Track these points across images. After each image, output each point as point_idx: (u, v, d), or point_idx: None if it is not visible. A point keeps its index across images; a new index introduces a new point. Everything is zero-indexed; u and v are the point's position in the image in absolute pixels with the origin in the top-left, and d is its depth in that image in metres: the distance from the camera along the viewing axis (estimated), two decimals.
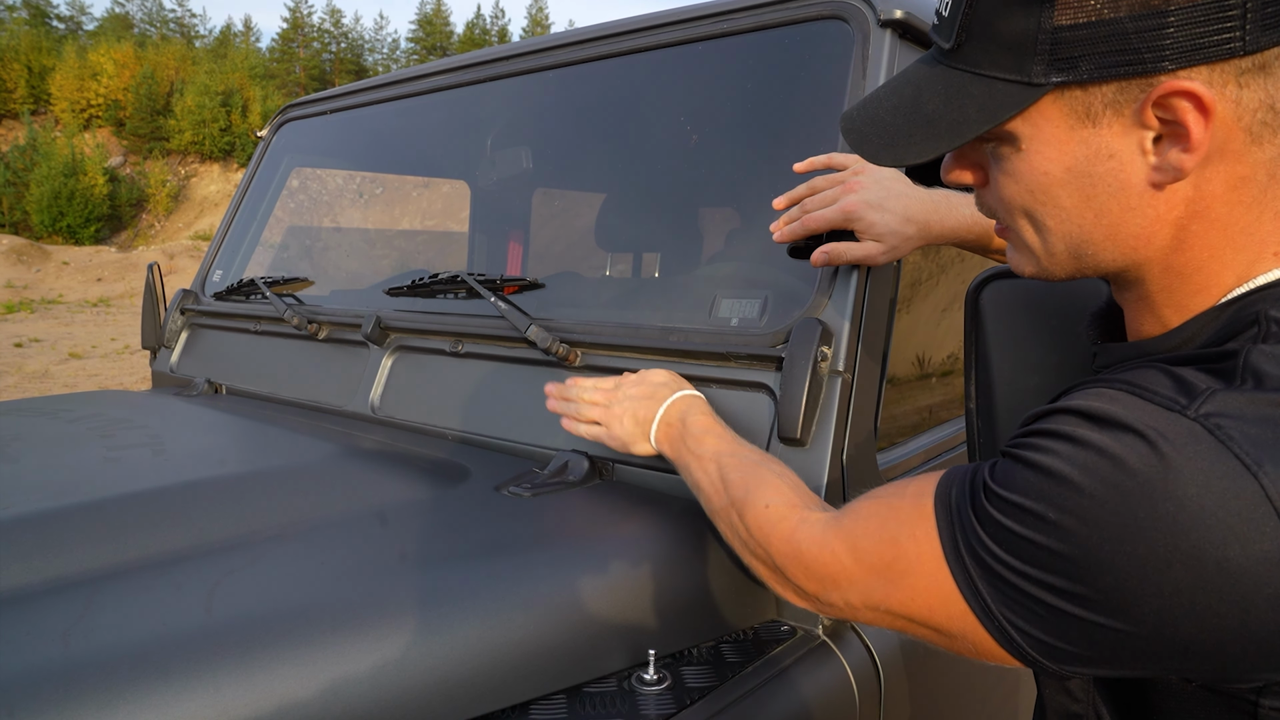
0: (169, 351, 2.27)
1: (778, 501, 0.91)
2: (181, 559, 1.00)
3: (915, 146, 0.71)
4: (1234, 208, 0.64)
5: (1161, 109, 0.61)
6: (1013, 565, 0.63)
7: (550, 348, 1.40)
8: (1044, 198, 0.68)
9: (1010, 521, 0.63)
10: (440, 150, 2.17)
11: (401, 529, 1.12)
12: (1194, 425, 0.57)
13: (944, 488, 0.72)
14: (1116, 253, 0.68)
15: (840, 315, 1.18)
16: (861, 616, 0.79)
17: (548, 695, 0.94)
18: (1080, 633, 0.61)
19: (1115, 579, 0.58)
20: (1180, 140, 0.61)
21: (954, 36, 0.67)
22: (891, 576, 0.73)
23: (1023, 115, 0.66)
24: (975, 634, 0.68)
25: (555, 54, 1.73)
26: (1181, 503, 0.55)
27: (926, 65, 0.73)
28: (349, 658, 0.84)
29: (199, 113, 41.56)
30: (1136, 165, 0.64)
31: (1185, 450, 0.56)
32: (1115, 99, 0.62)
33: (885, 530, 0.75)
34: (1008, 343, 0.97)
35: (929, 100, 0.70)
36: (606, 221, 1.88)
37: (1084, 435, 0.60)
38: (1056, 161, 0.66)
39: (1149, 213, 0.65)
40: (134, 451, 1.38)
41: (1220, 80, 0.60)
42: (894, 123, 0.73)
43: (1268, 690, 0.59)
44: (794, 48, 1.41)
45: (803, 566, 0.83)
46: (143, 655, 0.79)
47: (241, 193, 2.42)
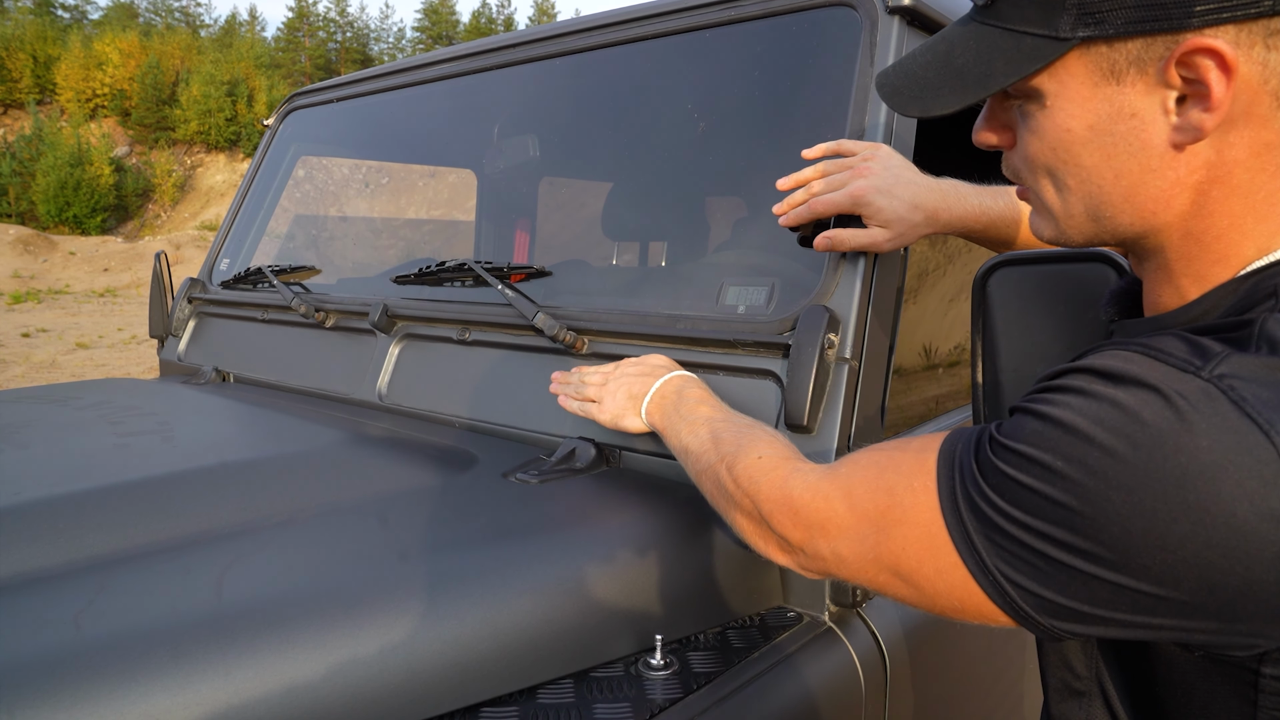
0: (176, 340, 2.28)
1: (771, 454, 0.91)
2: (192, 544, 1.01)
3: (944, 98, 0.73)
4: (1257, 175, 0.64)
5: (1185, 67, 0.61)
6: (1014, 516, 0.62)
7: (557, 335, 1.40)
8: (1065, 156, 0.69)
9: (1015, 471, 0.62)
10: (447, 139, 2.17)
11: (409, 515, 1.13)
12: (1208, 385, 0.57)
13: (949, 443, 0.71)
14: (1134, 215, 0.68)
15: (847, 303, 1.18)
16: (848, 569, 0.77)
17: (555, 680, 0.94)
18: (1081, 587, 0.60)
19: (1121, 531, 0.57)
20: (1202, 100, 0.61)
21: None
22: (884, 525, 0.72)
23: (1049, 71, 0.67)
24: (965, 590, 0.67)
25: (561, 41, 1.72)
26: (1193, 456, 0.55)
27: (961, 24, 0.74)
28: (358, 641, 0.85)
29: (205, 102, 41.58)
30: (1158, 125, 0.64)
31: (1199, 407, 0.56)
32: (1140, 56, 0.63)
33: (883, 479, 0.74)
34: (1014, 329, 0.97)
35: (960, 54, 0.72)
36: (613, 210, 1.88)
37: (1098, 389, 0.60)
38: (1079, 119, 0.67)
39: (1169, 175, 0.65)
40: (143, 438, 1.39)
41: (1247, 41, 0.60)
42: (925, 76, 0.75)
43: (1269, 658, 0.59)
44: (802, 35, 1.41)
45: (791, 512, 0.82)
46: (154, 638, 0.80)
47: (248, 182, 2.43)
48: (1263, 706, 0.61)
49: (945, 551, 0.67)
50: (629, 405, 1.20)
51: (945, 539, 0.67)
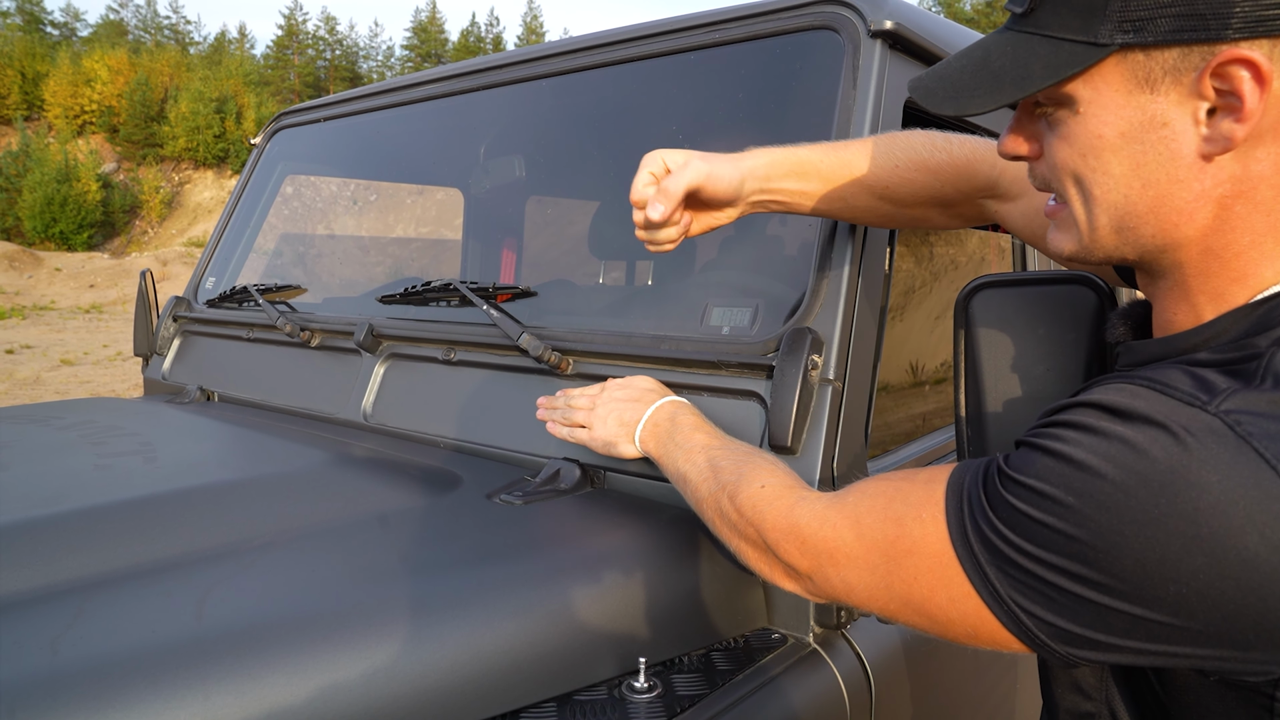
0: (161, 359, 2.27)
1: (773, 482, 0.91)
2: (172, 567, 1.00)
3: (980, 98, 0.73)
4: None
5: (1219, 79, 0.62)
6: (1025, 549, 0.63)
7: (542, 356, 1.40)
8: (1095, 163, 0.69)
9: (1025, 505, 0.63)
10: (434, 158, 2.18)
11: (393, 536, 1.12)
12: (1214, 420, 0.58)
13: (957, 474, 0.72)
14: (1158, 227, 0.69)
15: (831, 323, 1.19)
16: (858, 598, 0.78)
17: (538, 703, 0.94)
18: (1097, 618, 0.61)
19: (1135, 564, 0.58)
20: (1234, 111, 0.62)
21: (1029, 1, 0.70)
22: (894, 555, 0.73)
23: (1084, 77, 0.68)
24: (978, 618, 0.68)
25: (549, 63, 1.73)
26: (1203, 491, 0.57)
27: (997, 33, 0.76)
28: (339, 665, 0.84)
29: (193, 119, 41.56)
30: (1188, 135, 0.65)
31: (1206, 443, 0.58)
32: (1176, 65, 0.64)
33: (891, 509, 0.75)
34: (997, 350, 0.98)
35: (997, 58, 0.73)
36: (599, 230, 1.89)
37: (1106, 427, 0.61)
38: (1112, 125, 0.67)
39: (1195, 186, 0.66)
40: (125, 459, 1.38)
41: (1278, 56, 0.61)
42: (961, 79, 0.76)
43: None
44: (785, 58, 1.42)
45: (799, 542, 0.82)
46: (132, 663, 0.79)
47: (235, 200, 2.43)
48: None
49: (957, 582, 0.68)
50: (621, 432, 1.20)
51: (957, 569, 0.68)
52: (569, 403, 1.28)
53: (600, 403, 1.24)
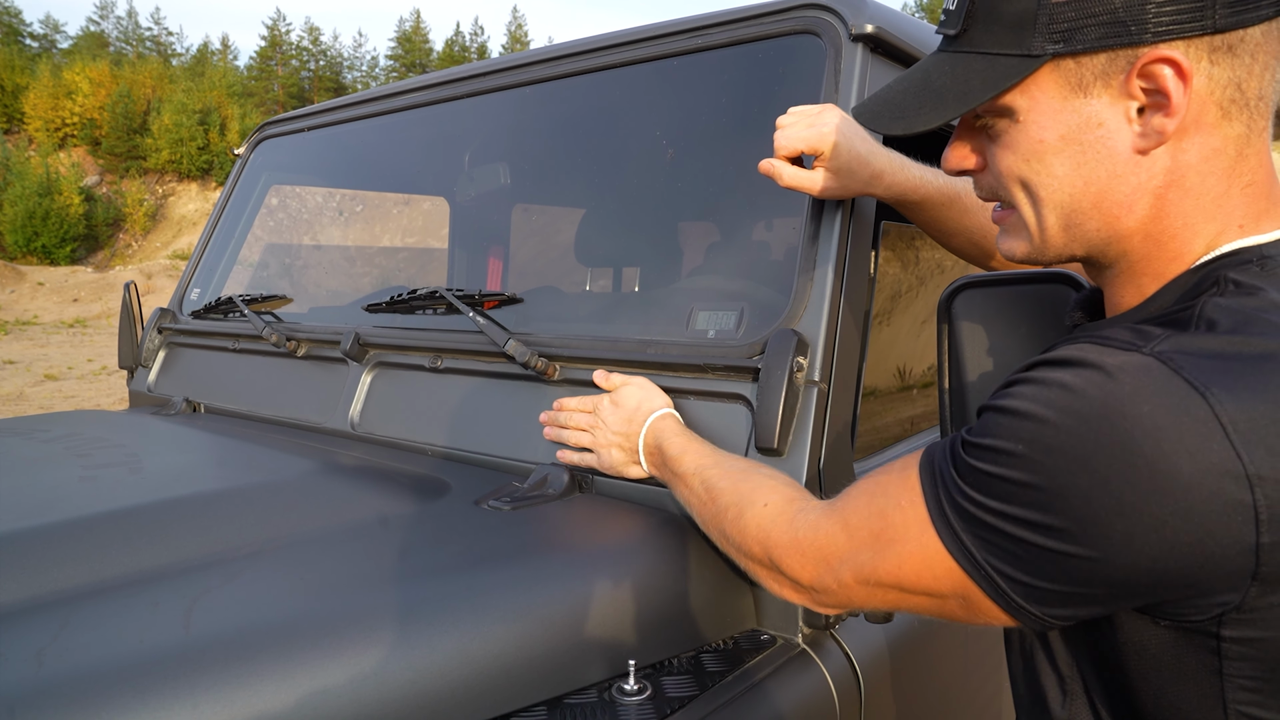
0: (146, 371, 2.26)
1: (774, 499, 0.94)
2: (159, 577, 1.00)
3: (924, 115, 0.78)
4: (1206, 178, 0.70)
5: (1144, 78, 0.68)
6: (990, 506, 0.67)
7: (529, 362, 1.41)
8: (1038, 166, 0.74)
9: (985, 464, 0.67)
10: (418, 167, 2.18)
11: (381, 544, 1.12)
12: (1147, 359, 0.63)
13: (927, 455, 0.76)
14: (1101, 221, 0.74)
15: (815, 326, 1.20)
16: (856, 595, 0.81)
17: (528, 707, 0.94)
18: (1058, 568, 0.64)
19: (1082, 502, 0.62)
20: (1162, 107, 0.68)
21: (960, 23, 0.75)
22: (879, 546, 0.76)
23: (1021, 87, 0.73)
24: (965, 589, 0.70)
25: (532, 70, 1.74)
26: (1136, 421, 0.60)
27: (933, 56, 0.80)
28: (328, 672, 0.84)
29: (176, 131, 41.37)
30: (1123, 133, 0.70)
31: (1138, 376, 0.62)
32: (1104, 69, 0.69)
33: (873, 504, 0.78)
34: (979, 348, 0.99)
35: (937, 78, 0.78)
36: (586, 236, 1.89)
37: (1047, 376, 0.66)
38: (1051, 130, 0.72)
39: (1132, 180, 0.71)
40: (110, 470, 1.37)
41: (1195, 55, 0.67)
42: (904, 101, 0.81)
43: (1227, 619, 0.62)
44: (768, 62, 1.43)
45: (800, 553, 0.85)
46: (119, 674, 0.78)
47: (218, 211, 2.42)
48: (1229, 675, 0.64)
49: (940, 558, 0.71)
50: (625, 459, 1.24)
51: (938, 546, 0.71)
52: (570, 421, 1.31)
53: (598, 428, 1.26)
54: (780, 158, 1.19)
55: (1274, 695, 0.64)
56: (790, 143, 1.17)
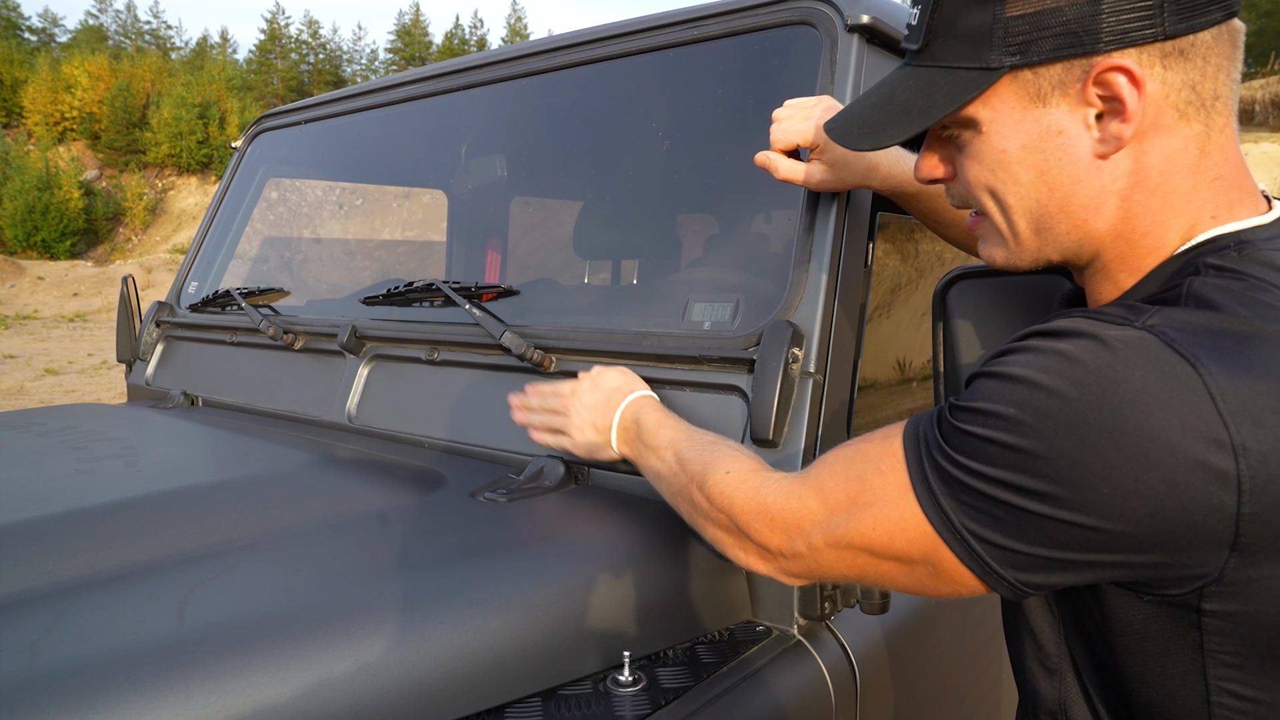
0: (144, 364, 2.26)
1: (738, 467, 0.93)
2: (154, 569, 1.00)
3: (890, 131, 0.80)
4: (1170, 177, 0.72)
5: (1100, 86, 0.70)
6: (974, 469, 0.67)
7: (525, 354, 1.40)
8: (1004, 175, 0.76)
9: (973, 426, 0.68)
10: (416, 159, 2.18)
11: (377, 536, 1.12)
12: (1140, 333, 0.64)
13: (912, 423, 0.77)
14: (1070, 224, 0.76)
15: (811, 317, 1.20)
16: (825, 559, 0.80)
17: (523, 698, 0.94)
18: (1040, 532, 0.65)
19: (1069, 466, 0.62)
20: (1118, 113, 0.70)
21: (921, 38, 0.77)
22: (854, 509, 0.76)
23: (982, 99, 0.75)
24: (937, 554, 0.71)
25: (529, 61, 1.73)
26: (1127, 388, 0.61)
27: (898, 71, 0.83)
28: (323, 663, 0.84)
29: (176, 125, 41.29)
30: (1082, 139, 0.72)
31: (1132, 346, 0.63)
32: (1061, 79, 0.71)
33: (851, 469, 0.79)
34: (975, 340, 0.99)
35: (902, 93, 0.80)
36: (583, 229, 1.89)
37: (1042, 344, 0.67)
38: (1013, 139, 0.75)
39: (1095, 184, 0.73)
40: (107, 463, 1.37)
41: (1148, 61, 0.69)
42: (872, 116, 0.83)
43: (1208, 593, 0.63)
44: (764, 53, 1.43)
45: (768, 518, 0.85)
46: (113, 665, 0.78)
47: (216, 204, 2.42)
48: (1210, 650, 0.65)
49: (915, 521, 0.72)
50: (598, 439, 1.21)
51: (915, 510, 0.72)
52: (543, 404, 1.28)
53: (573, 409, 1.23)
54: (776, 150, 1.19)
55: (1254, 672, 0.65)
56: (786, 135, 1.18)
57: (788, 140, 1.18)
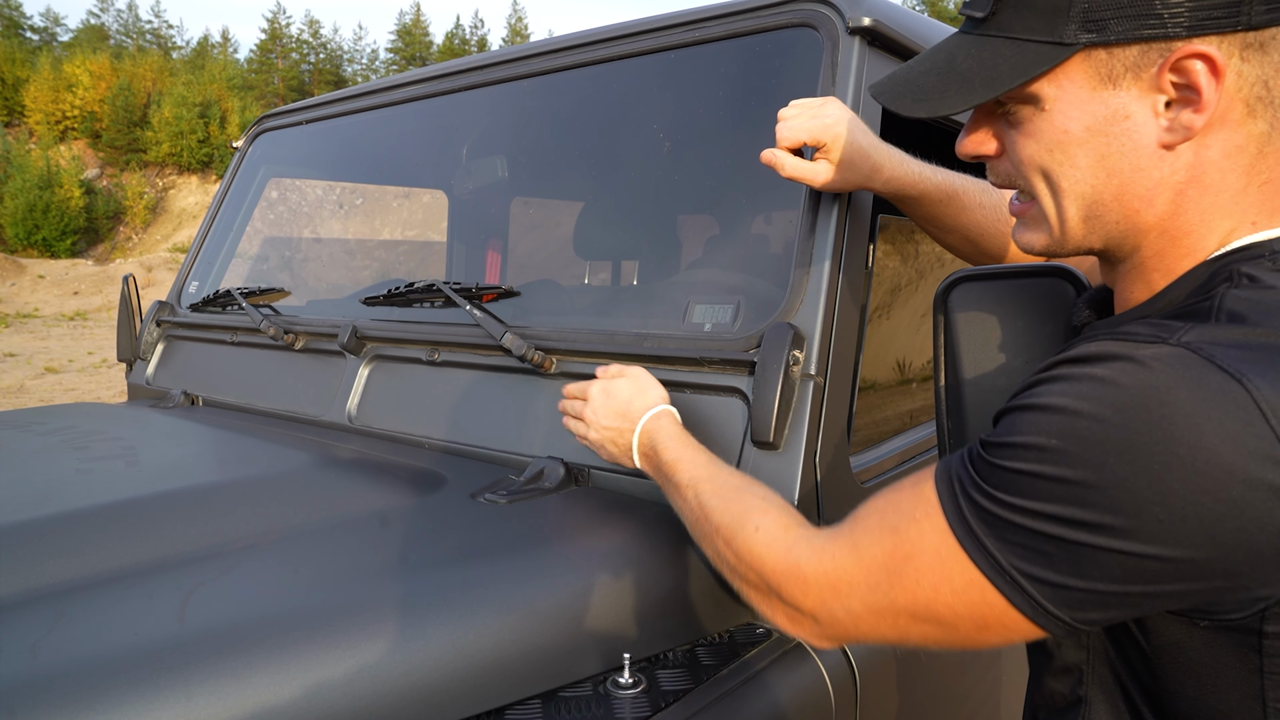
0: (145, 364, 2.26)
1: (768, 524, 0.88)
2: (155, 570, 1.00)
3: (950, 99, 0.76)
4: (1227, 175, 0.69)
5: (1176, 73, 0.67)
6: (1019, 506, 0.64)
7: (526, 355, 1.40)
8: (1061, 156, 0.73)
9: (1012, 462, 0.65)
10: (417, 160, 2.18)
11: (377, 537, 1.12)
12: (1176, 349, 0.62)
13: (943, 466, 0.73)
14: (1121, 213, 0.72)
15: (812, 320, 1.20)
16: (866, 625, 0.76)
17: (523, 700, 0.94)
18: (1094, 565, 0.62)
19: (1122, 494, 0.60)
20: (1191, 103, 0.67)
21: (990, 5, 0.73)
22: (894, 565, 0.72)
23: (1049, 75, 0.71)
24: (985, 602, 0.67)
25: (530, 63, 1.73)
26: (1175, 409, 0.59)
27: (957, 37, 0.78)
28: (323, 665, 0.84)
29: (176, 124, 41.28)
30: (1150, 127, 0.69)
31: (1173, 365, 0.61)
32: (1137, 62, 0.68)
33: (885, 522, 0.75)
34: (976, 342, 0.99)
35: (963, 61, 0.76)
36: (584, 230, 1.89)
37: (1074, 372, 0.64)
38: (1078, 120, 0.71)
39: (1155, 174, 0.70)
40: (107, 463, 1.37)
41: (1226, 51, 0.66)
42: (927, 82, 0.78)
43: (1270, 614, 0.61)
44: (766, 55, 1.43)
45: (801, 581, 0.80)
46: (114, 665, 0.78)
47: (216, 204, 2.42)
48: (1269, 672, 0.63)
49: (960, 568, 0.68)
50: (621, 456, 1.18)
51: (958, 555, 0.68)
52: (569, 408, 1.25)
53: (591, 424, 1.20)
54: (782, 148, 1.18)
55: None
56: (793, 133, 1.17)
57: (794, 138, 1.17)
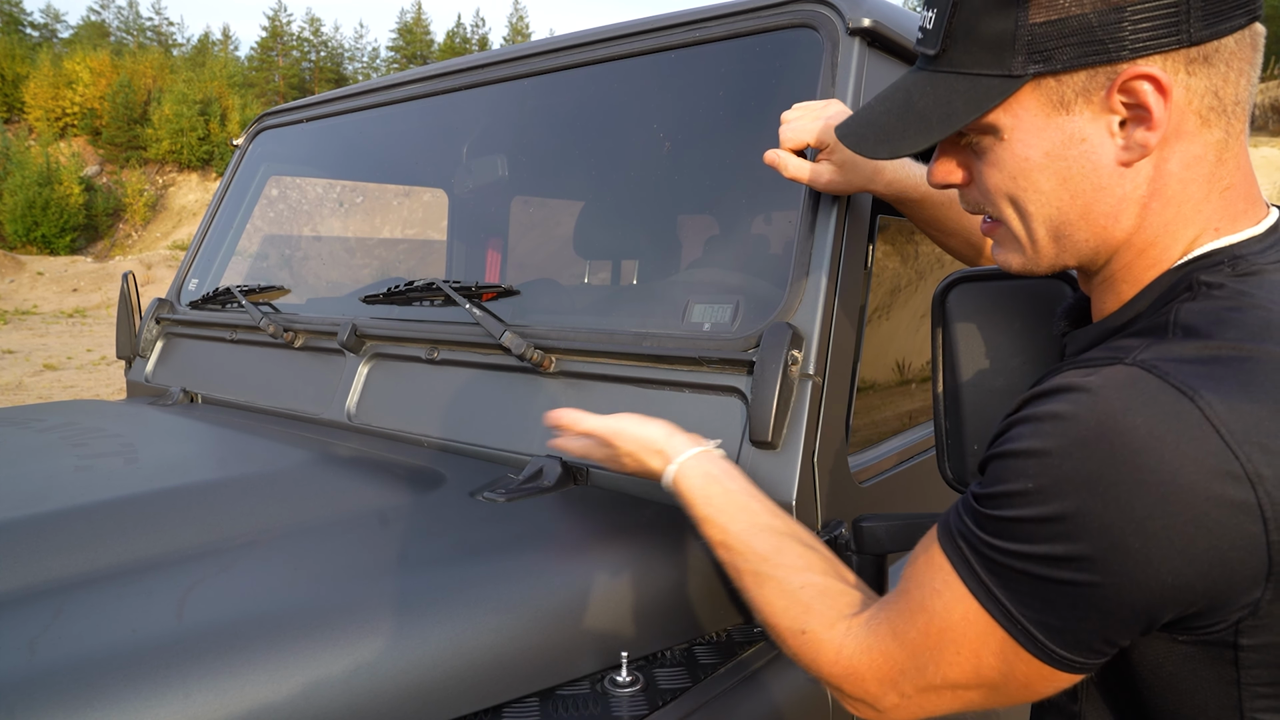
0: (144, 361, 2.26)
1: (814, 624, 0.84)
2: (154, 566, 1.00)
3: (910, 139, 0.78)
4: (1187, 185, 0.72)
5: (1125, 94, 0.69)
6: (1016, 551, 0.66)
7: (525, 354, 1.41)
8: (1025, 182, 0.75)
9: (1001, 510, 0.67)
10: (417, 158, 2.18)
11: (376, 535, 1.13)
12: (1130, 369, 0.64)
13: (942, 525, 0.75)
14: (1089, 231, 0.74)
15: (811, 320, 1.20)
16: (926, 705, 0.77)
17: (520, 698, 0.94)
18: (1090, 604, 0.63)
19: (1099, 526, 0.61)
20: (1144, 121, 0.69)
21: (939, 43, 0.75)
22: (932, 644, 0.73)
23: (1004, 106, 0.73)
24: (1016, 658, 0.68)
25: (531, 62, 1.73)
26: (1133, 434, 0.60)
27: (912, 75, 0.80)
28: (321, 662, 0.84)
29: (177, 121, 41.23)
30: (1106, 147, 0.71)
31: (1125, 389, 0.62)
32: (1085, 86, 0.70)
33: (913, 601, 0.76)
34: (974, 344, 0.99)
35: (919, 100, 0.78)
36: (584, 229, 1.89)
37: (1037, 411, 0.67)
38: (1036, 147, 0.73)
39: (1117, 191, 0.72)
40: (106, 460, 1.37)
41: (1172, 68, 0.68)
42: (887, 122, 0.81)
43: (1244, 627, 0.62)
44: (766, 55, 1.43)
45: (857, 679, 0.80)
46: (111, 663, 0.79)
47: (217, 201, 2.42)
48: (1246, 684, 0.64)
49: (982, 622, 0.70)
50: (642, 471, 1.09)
51: (984, 618, 0.70)
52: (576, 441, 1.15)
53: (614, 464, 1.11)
54: (785, 149, 1.19)
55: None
56: (797, 134, 1.18)
57: (797, 140, 1.18)
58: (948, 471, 1.01)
